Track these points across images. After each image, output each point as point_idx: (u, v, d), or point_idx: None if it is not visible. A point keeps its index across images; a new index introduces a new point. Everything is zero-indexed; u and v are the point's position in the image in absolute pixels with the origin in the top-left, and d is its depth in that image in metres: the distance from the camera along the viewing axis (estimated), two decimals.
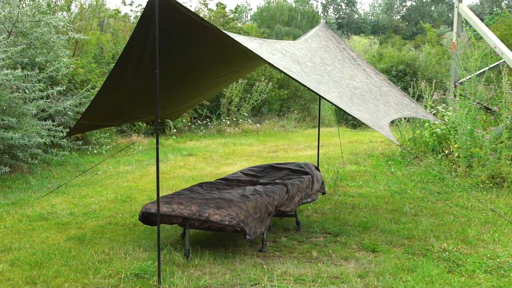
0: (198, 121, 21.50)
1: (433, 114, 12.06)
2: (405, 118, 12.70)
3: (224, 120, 21.66)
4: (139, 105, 6.92)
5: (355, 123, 23.19)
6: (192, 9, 52.41)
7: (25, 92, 11.23)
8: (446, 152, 11.15)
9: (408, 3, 67.11)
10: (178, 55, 6.23)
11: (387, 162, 12.10)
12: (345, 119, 23.55)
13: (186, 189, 7.00)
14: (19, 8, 12.27)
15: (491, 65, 11.21)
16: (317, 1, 68.67)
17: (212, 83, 7.71)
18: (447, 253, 6.21)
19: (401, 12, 67.20)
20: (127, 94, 6.55)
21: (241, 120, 21.88)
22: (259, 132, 20.95)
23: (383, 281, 5.39)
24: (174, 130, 19.50)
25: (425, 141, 11.94)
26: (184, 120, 20.06)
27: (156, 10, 4.98)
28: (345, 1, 66.99)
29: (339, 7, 68.00)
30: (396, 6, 67.06)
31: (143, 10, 5.19)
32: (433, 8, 64.82)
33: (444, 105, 11.86)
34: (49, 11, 17.32)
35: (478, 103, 11.00)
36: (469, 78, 11.14)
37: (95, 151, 14.50)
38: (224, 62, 6.99)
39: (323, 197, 9.11)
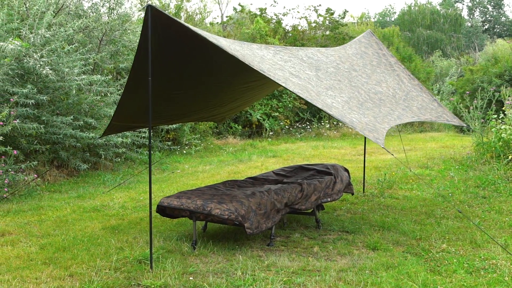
0: (298, 124, 22.02)
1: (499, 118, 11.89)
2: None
3: (323, 123, 22.01)
4: (168, 107, 7.56)
5: (464, 128, 22.71)
6: (300, 15, 51.12)
7: (106, 96, 12.31)
8: (510, 157, 10.96)
9: None
10: (194, 63, 6.80)
11: (455, 167, 12.04)
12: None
13: (208, 186, 7.55)
14: (108, 18, 13.43)
15: None
16: (463, 4, 66.66)
17: (245, 88, 8.19)
18: (442, 253, 6.34)
19: None
20: (153, 97, 7.18)
21: (341, 123, 22.11)
22: (358, 135, 21.11)
23: (358, 276, 5.64)
24: (271, 133, 20.13)
25: (491, 146, 11.76)
26: (281, 123, 20.65)
27: (149, 24, 5.61)
28: (492, 3, 64.38)
29: (486, 9, 65.50)
30: None
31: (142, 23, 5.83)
32: None
33: None
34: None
35: None
36: None
37: (184, 151, 15.43)
38: (248, 69, 7.43)
39: (363, 198, 9.37)
